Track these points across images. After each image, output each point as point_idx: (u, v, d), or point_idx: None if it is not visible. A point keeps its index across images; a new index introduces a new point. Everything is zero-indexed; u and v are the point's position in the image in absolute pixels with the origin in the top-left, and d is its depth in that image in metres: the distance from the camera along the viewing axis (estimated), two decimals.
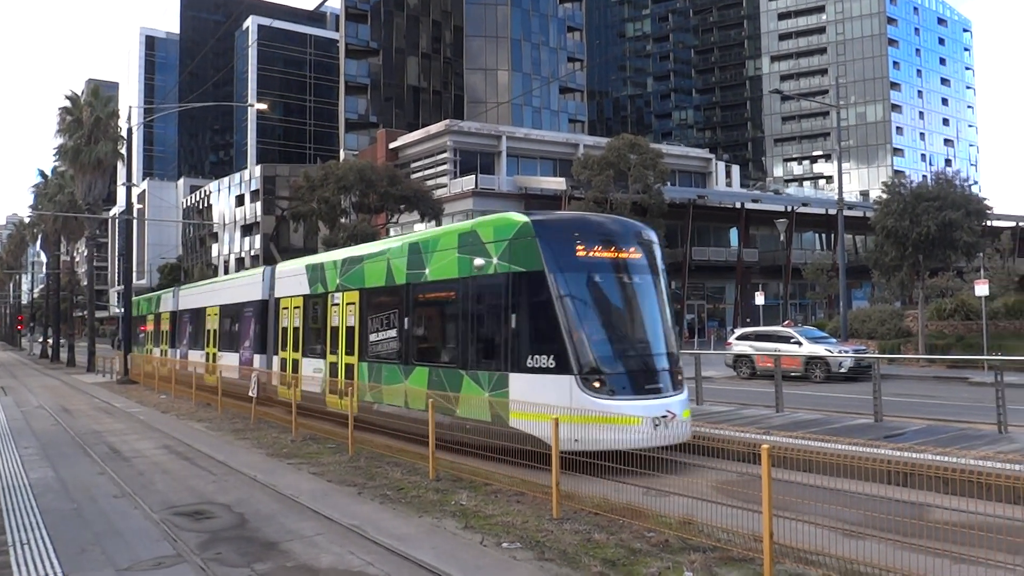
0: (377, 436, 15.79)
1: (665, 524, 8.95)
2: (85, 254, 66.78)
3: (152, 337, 38.07)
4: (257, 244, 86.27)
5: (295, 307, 21.47)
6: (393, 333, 16.62)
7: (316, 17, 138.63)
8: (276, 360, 22.43)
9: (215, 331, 28.28)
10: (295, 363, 21.05)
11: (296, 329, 21.33)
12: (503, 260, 13.59)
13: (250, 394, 20.82)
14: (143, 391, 31.01)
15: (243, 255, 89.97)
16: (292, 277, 22.03)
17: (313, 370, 19.82)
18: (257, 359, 23.75)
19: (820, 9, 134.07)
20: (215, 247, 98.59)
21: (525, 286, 13.27)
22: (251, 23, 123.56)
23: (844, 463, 8.80)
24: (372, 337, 17.37)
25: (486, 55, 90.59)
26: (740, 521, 8.21)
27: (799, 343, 29.64)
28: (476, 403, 13.71)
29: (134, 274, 54.79)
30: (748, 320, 58.16)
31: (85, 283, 64.78)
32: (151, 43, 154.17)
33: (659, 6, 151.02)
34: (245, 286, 25.79)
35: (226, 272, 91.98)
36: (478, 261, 14.13)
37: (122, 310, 43.80)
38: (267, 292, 23.57)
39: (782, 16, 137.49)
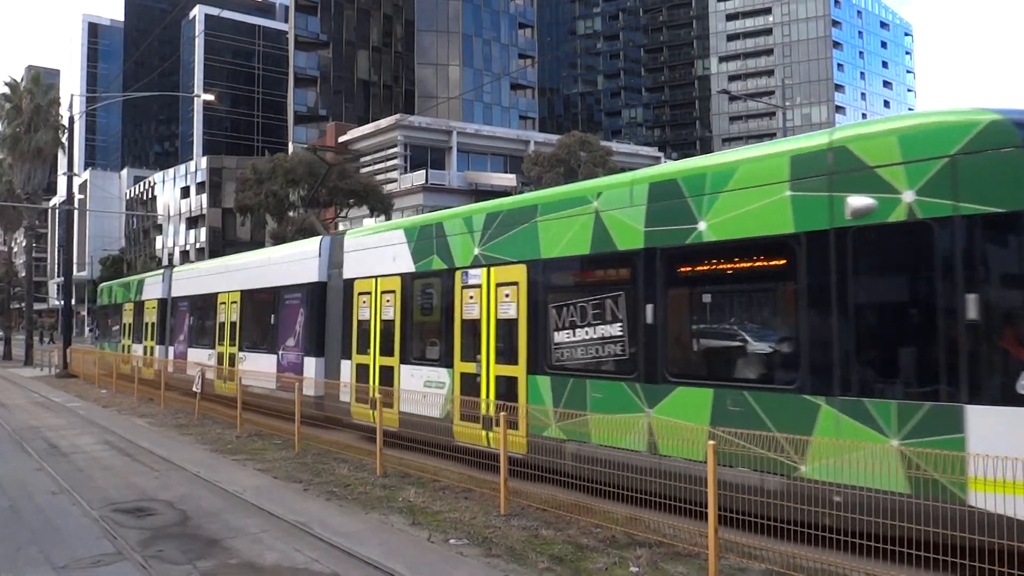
0: (323, 432, 15.58)
1: (612, 520, 9.00)
2: (23, 244, 65.30)
3: (130, 331, 32.13)
4: (203, 237, 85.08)
5: (386, 291, 15.63)
6: (614, 331, 10.71)
7: (265, 8, 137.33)
8: (348, 366, 16.60)
9: (235, 324, 22.42)
10: (386, 371, 15.39)
11: (388, 323, 15.51)
12: (932, 194, 7.76)
13: (194, 389, 20.50)
14: (83, 385, 30.41)
15: (188, 248, 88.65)
16: (378, 250, 16.10)
17: (424, 383, 14.26)
18: (310, 364, 18.35)
19: (767, 11, 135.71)
20: (159, 239, 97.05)
21: (999, 241, 7.71)
22: (198, 12, 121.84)
23: None
24: (560, 337, 11.54)
25: (437, 50, 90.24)
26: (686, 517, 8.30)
27: None
28: (860, 456, 7.77)
29: (75, 266, 53.72)
30: None
31: (23, 274, 63.38)
32: (94, 30, 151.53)
33: (610, 4, 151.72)
34: (288, 264, 20.12)
35: (170, 263, 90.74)
36: (857, 202, 8.22)
37: (62, 302, 42.90)
38: (328, 271, 18.30)
39: (730, 17, 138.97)
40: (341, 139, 69.34)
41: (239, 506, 10.52)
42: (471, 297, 13.30)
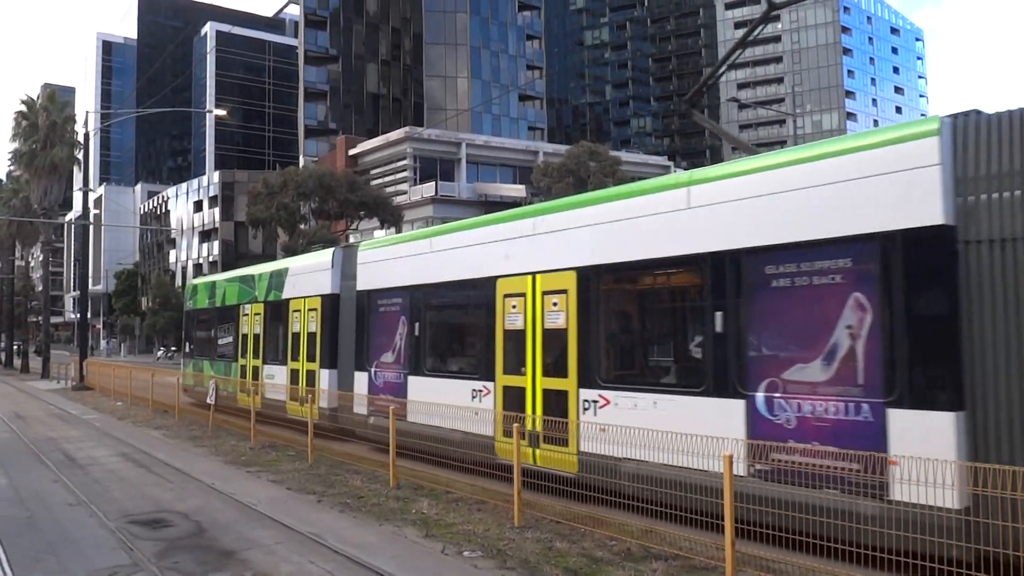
0: (336, 443, 15.68)
1: (627, 532, 8.99)
2: (40, 259, 65.67)
3: (256, 346, 22.37)
4: (216, 250, 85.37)
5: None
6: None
7: (275, 24, 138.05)
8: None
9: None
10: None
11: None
12: None
13: (208, 401, 20.61)
14: (99, 398, 30.53)
15: (201, 261, 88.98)
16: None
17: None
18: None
19: (776, 18, 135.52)
20: (173, 253, 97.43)
21: None
22: (210, 29, 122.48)
23: None
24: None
25: (445, 62, 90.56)
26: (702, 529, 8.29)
27: None
28: None
29: (90, 280, 54.00)
30: None
31: (40, 288, 63.73)
32: (108, 48, 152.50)
33: (617, 14, 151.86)
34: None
35: (184, 280, 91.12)
36: None
37: (78, 315, 43.13)
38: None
39: (738, 25, 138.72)
40: (351, 152, 69.59)
41: (253, 518, 10.57)
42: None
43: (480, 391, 13.20)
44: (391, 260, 16.26)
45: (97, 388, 33.98)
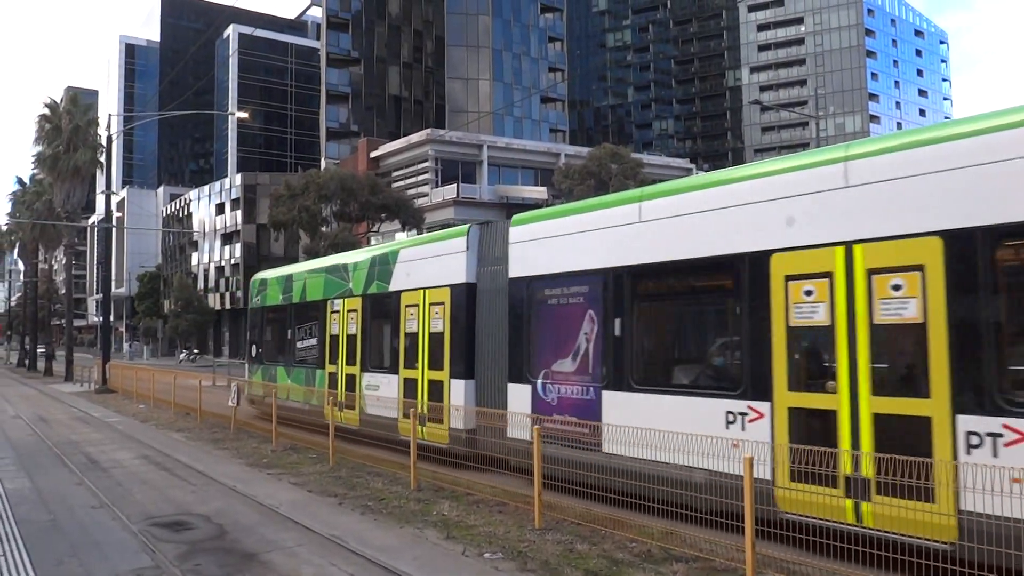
0: (358, 446, 15.67)
1: (647, 534, 8.95)
2: (63, 262, 66.30)
3: (350, 349, 18.67)
4: (237, 252, 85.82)
5: None
6: None
7: (297, 26, 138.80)
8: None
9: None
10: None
11: None
12: None
13: (230, 404, 20.65)
14: (121, 400, 30.75)
15: (223, 263, 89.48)
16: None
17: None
18: None
19: (799, 21, 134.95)
20: (195, 255, 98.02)
21: None
22: (232, 31, 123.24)
23: None
24: None
25: (467, 65, 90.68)
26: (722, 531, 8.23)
27: None
28: None
29: (113, 283, 54.37)
30: None
31: (63, 291, 64.29)
32: (131, 51, 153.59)
33: (639, 17, 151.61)
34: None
35: (206, 283, 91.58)
36: None
37: (101, 318, 43.41)
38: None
39: (761, 27, 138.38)
40: (373, 154, 69.77)
41: (275, 520, 10.58)
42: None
43: (743, 414, 9.41)
44: (568, 236, 12.49)
45: (120, 391, 34.21)
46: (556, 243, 12.68)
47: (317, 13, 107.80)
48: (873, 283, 8.37)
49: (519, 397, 12.97)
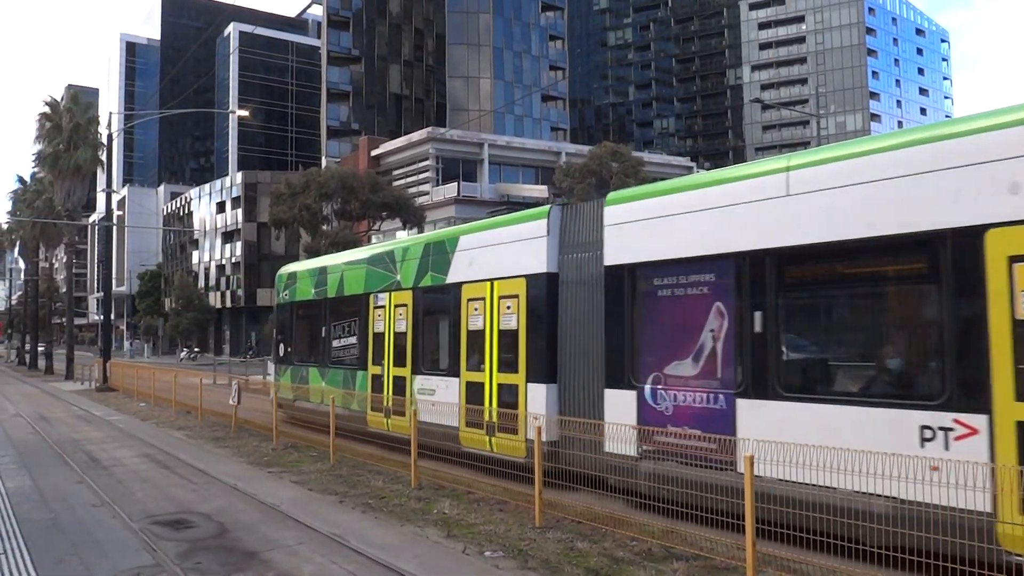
0: (358, 444, 15.66)
1: (648, 532, 8.94)
2: (64, 260, 66.30)
3: (400, 348, 16.65)
4: (238, 251, 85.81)
5: None
6: None
7: (298, 24, 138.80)
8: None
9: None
10: None
11: None
12: None
13: (231, 402, 20.63)
14: (122, 399, 30.74)
15: (224, 262, 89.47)
16: None
17: None
18: None
19: (800, 19, 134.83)
20: (195, 254, 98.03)
21: None
22: (232, 30, 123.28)
23: None
24: None
25: (468, 63, 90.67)
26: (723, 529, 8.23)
27: None
28: None
29: (114, 281, 54.40)
30: None
31: (64, 290, 64.30)
32: (132, 49, 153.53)
33: (641, 15, 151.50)
34: None
35: (206, 281, 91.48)
36: None
37: (101, 317, 43.41)
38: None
39: (762, 26, 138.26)
40: (373, 153, 69.79)
41: (276, 518, 10.58)
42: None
43: (947, 429, 7.45)
44: (688, 215, 10.37)
45: (120, 389, 34.20)
46: (667, 224, 10.64)
47: (318, 11, 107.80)
48: None
49: (620, 405, 10.93)
